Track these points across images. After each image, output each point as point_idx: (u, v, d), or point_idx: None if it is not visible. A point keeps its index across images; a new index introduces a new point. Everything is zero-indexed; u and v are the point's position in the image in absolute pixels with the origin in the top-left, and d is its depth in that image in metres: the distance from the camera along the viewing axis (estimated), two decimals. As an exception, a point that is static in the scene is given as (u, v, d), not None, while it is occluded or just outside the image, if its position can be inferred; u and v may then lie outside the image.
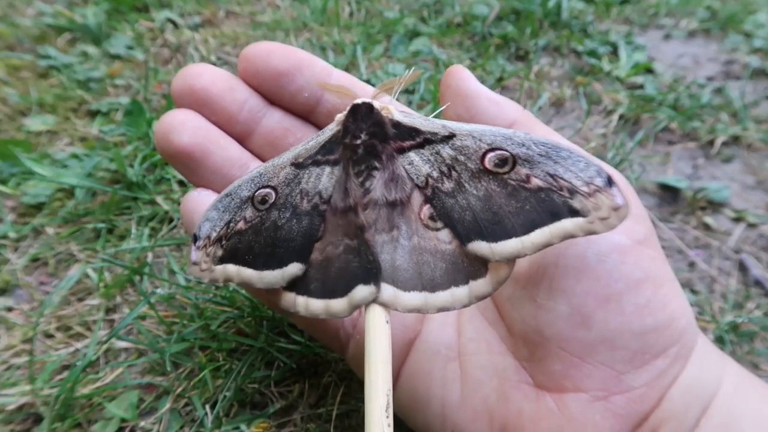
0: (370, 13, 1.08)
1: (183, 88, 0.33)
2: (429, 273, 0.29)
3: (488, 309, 0.36)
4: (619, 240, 0.30)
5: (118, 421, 0.41)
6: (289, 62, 0.33)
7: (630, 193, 0.31)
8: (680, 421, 0.30)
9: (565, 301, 0.30)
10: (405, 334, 0.36)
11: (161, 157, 0.34)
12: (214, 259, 0.31)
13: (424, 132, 0.30)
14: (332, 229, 0.31)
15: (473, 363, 0.35)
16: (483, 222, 0.28)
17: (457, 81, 0.33)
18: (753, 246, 0.65)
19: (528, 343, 0.33)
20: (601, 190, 0.27)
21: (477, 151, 0.29)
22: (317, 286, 0.30)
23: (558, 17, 1.08)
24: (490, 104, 0.33)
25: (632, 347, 0.30)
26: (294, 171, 0.31)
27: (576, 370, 0.31)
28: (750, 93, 0.94)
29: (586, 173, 0.27)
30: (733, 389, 0.32)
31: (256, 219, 0.31)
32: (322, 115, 0.35)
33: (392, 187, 0.30)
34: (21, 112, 0.73)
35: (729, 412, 0.31)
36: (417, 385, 0.35)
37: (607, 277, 0.30)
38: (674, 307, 0.31)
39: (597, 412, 0.30)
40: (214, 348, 0.45)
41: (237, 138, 0.35)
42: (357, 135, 0.30)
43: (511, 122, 0.33)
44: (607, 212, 0.26)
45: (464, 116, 0.33)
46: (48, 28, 0.91)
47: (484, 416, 0.33)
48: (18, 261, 0.54)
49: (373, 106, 0.30)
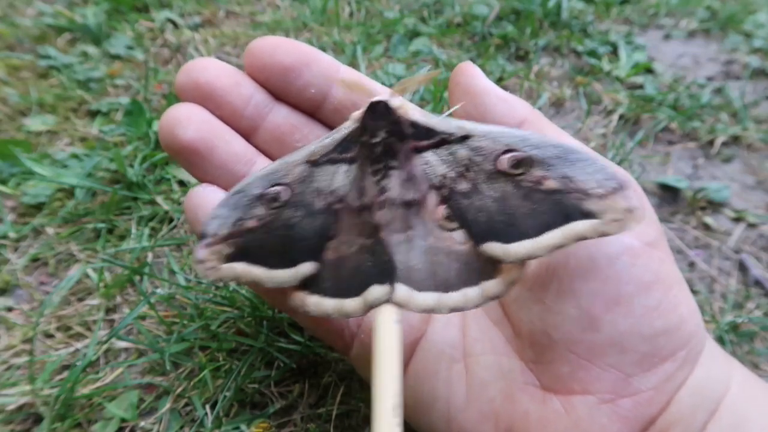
0: (370, 13, 1.08)
1: (188, 82, 0.33)
2: (442, 273, 0.29)
3: (493, 309, 0.36)
4: (630, 242, 0.30)
5: (118, 421, 0.41)
6: (296, 57, 0.33)
7: (641, 196, 0.31)
8: (688, 424, 0.30)
9: (573, 303, 0.30)
10: (410, 335, 0.36)
11: (165, 152, 0.33)
12: (221, 257, 0.30)
13: (441, 132, 0.30)
14: (346, 228, 0.30)
15: (479, 364, 0.34)
16: (497, 223, 0.28)
17: (466, 78, 0.32)
18: (753, 246, 0.65)
19: (535, 345, 0.32)
20: (615, 191, 0.27)
21: (493, 152, 0.29)
22: (330, 285, 0.30)
23: (558, 17, 1.08)
24: (499, 102, 0.32)
25: (641, 350, 0.30)
26: (309, 169, 0.31)
27: (584, 373, 0.30)
28: (750, 93, 0.94)
29: (600, 175, 0.27)
30: (741, 392, 0.31)
31: (268, 217, 0.30)
32: (329, 111, 0.35)
33: (409, 186, 0.30)
34: (21, 112, 0.73)
35: (737, 414, 0.31)
36: (422, 385, 0.35)
37: (617, 279, 0.30)
38: (683, 309, 0.30)
39: (604, 414, 0.30)
40: (214, 348, 0.45)
41: (242, 133, 0.34)
42: (375, 133, 0.30)
43: (520, 120, 0.32)
44: (622, 214, 0.26)
45: (473, 114, 0.32)
46: (48, 28, 0.91)
47: (490, 418, 0.33)
48: (18, 261, 0.54)
49: (391, 105, 0.30)
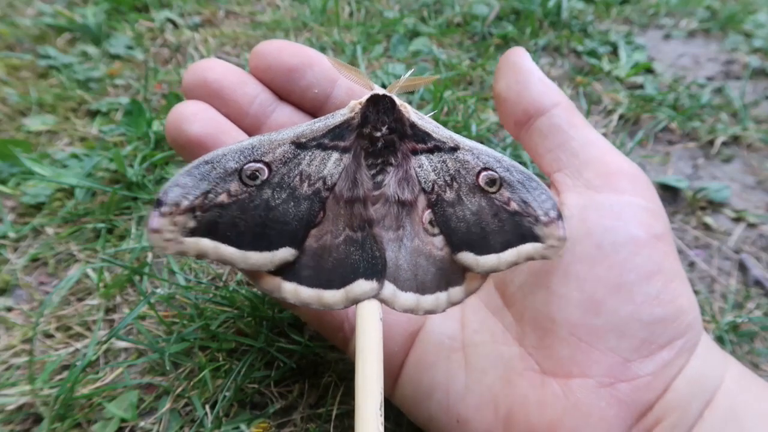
0: (370, 13, 1.08)
1: (195, 80, 0.33)
2: (422, 276, 0.30)
3: (492, 299, 0.37)
4: (636, 233, 0.32)
5: (118, 421, 0.41)
6: (299, 59, 0.34)
7: (651, 192, 0.34)
8: (684, 411, 0.31)
9: (577, 287, 0.32)
10: (409, 326, 0.37)
11: (171, 146, 0.34)
12: (184, 230, 0.28)
13: (435, 138, 0.31)
14: (333, 218, 0.30)
15: (478, 353, 0.35)
16: (473, 235, 0.30)
17: (516, 57, 0.35)
18: (753, 246, 0.65)
19: (537, 329, 0.33)
20: (554, 221, 0.30)
21: (474, 168, 0.31)
22: (310, 274, 0.29)
23: (558, 17, 1.08)
24: (539, 82, 0.35)
25: (640, 336, 0.31)
26: (294, 150, 0.30)
27: (584, 356, 0.31)
28: (750, 93, 0.94)
29: (546, 204, 0.30)
30: (736, 385, 0.32)
31: (244, 194, 0.29)
32: (331, 111, 0.36)
33: (404, 186, 0.30)
34: (21, 112, 0.73)
35: (732, 406, 0.31)
36: (421, 376, 0.36)
37: (621, 267, 0.31)
38: (683, 301, 0.32)
39: (602, 398, 0.31)
40: (214, 348, 0.45)
41: (247, 131, 0.35)
42: (378, 127, 0.30)
43: (554, 104, 0.35)
44: (555, 241, 0.30)
45: (513, 87, 0.35)
46: (48, 28, 0.91)
47: (489, 404, 0.34)
48: (18, 261, 0.54)
49: (395, 101, 0.30)
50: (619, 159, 0.34)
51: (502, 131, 0.78)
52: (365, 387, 0.26)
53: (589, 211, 0.33)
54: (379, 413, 0.26)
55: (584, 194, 0.33)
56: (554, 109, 0.34)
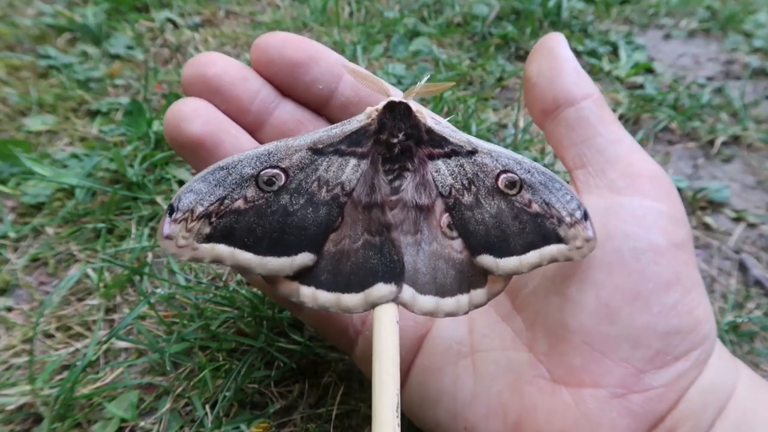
0: (370, 13, 1.08)
1: (195, 76, 0.32)
2: (441, 279, 0.30)
3: (501, 304, 0.36)
4: (657, 240, 0.31)
5: (118, 421, 0.41)
6: (304, 53, 0.33)
7: (675, 197, 0.33)
8: (697, 421, 0.30)
9: (593, 293, 0.31)
10: (416, 330, 0.36)
11: (170, 146, 0.33)
12: (198, 236, 0.28)
13: (452, 143, 0.31)
14: (351, 223, 0.30)
15: (486, 359, 0.34)
16: (493, 238, 0.30)
17: (552, 43, 0.34)
18: (753, 246, 0.65)
19: (549, 335, 0.33)
20: (579, 222, 0.29)
21: (493, 171, 0.30)
22: (329, 278, 0.29)
23: (558, 17, 1.08)
24: (573, 72, 0.34)
25: (655, 346, 0.30)
26: (311, 156, 0.30)
27: (596, 365, 0.31)
28: (750, 93, 0.94)
29: (570, 205, 0.30)
30: (747, 391, 0.32)
31: (260, 200, 0.29)
32: (335, 108, 0.35)
33: (422, 191, 0.31)
34: (21, 112, 0.73)
35: (743, 414, 0.31)
36: (428, 381, 0.35)
37: (639, 275, 0.30)
38: (700, 312, 0.31)
39: (614, 409, 0.30)
40: (214, 348, 0.45)
41: (248, 129, 0.34)
42: (395, 133, 0.30)
43: (585, 96, 0.33)
44: (582, 242, 0.29)
45: (545, 73, 0.34)
46: (48, 28, 0.91)
47: (498, 412, 0.33)
48: (18, 261, 0.54)
49: (412, 108, 0.30)
50: (645, 160, 0.33)
51: (502, 131, 0.78)
52: (382, 388, 0.26)
53: (610, 214, 0.32)
54: (396, 414, 0.26)
55: (606, 197, 0.32)
56: (585, 101, 0.33)
